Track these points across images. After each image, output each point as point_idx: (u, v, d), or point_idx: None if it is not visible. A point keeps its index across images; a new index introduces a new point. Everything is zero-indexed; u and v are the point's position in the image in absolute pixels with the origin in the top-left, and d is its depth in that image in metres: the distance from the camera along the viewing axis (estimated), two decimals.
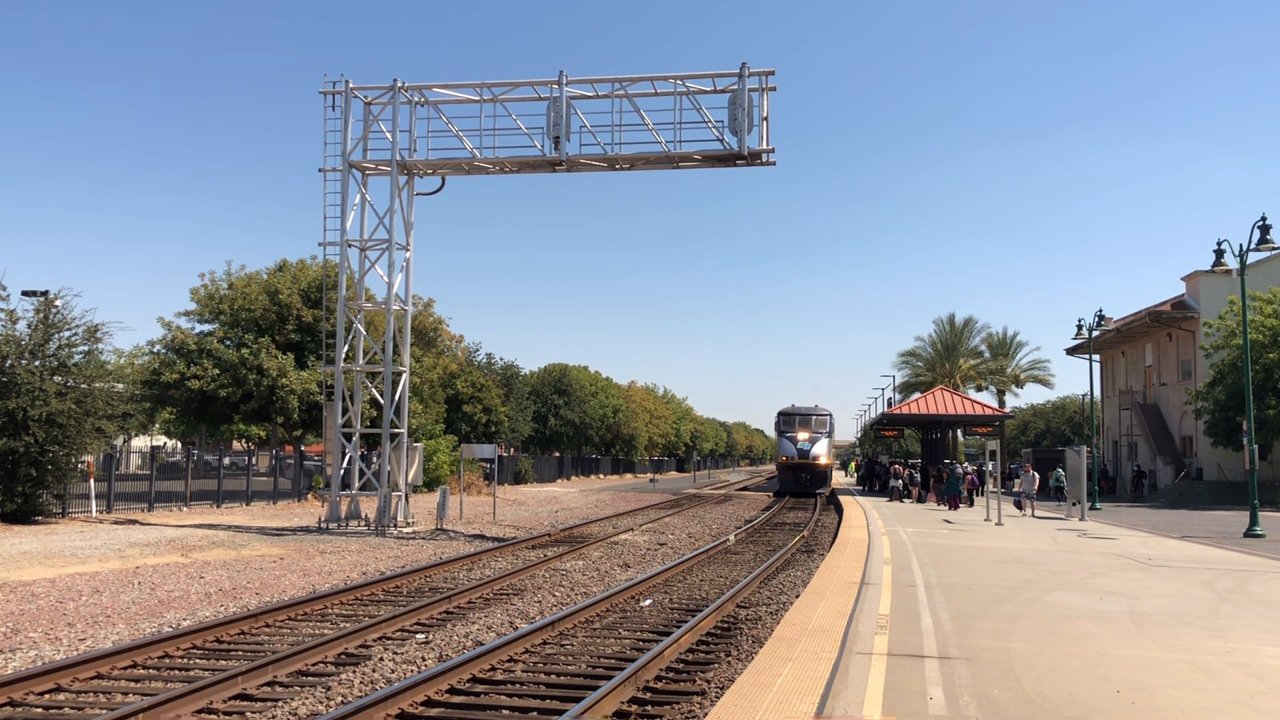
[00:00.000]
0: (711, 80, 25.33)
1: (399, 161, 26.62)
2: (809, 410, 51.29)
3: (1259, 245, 25.57)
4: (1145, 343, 54.62)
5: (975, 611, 11.59)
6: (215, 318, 41.38)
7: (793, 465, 49.55)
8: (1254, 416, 29.32)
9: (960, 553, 18.72)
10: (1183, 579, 15.21)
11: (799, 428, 49.91)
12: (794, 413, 51.29)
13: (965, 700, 7.39)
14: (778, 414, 52.26)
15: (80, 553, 19.73)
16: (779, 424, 51.88)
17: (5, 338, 27.12)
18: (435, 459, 43.60)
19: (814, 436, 49.38)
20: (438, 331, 51.83)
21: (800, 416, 50.75)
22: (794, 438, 49.58)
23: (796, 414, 50.99)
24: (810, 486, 48.97)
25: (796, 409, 51.50)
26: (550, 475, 73.17)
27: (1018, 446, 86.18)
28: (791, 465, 49.62)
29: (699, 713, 8.51)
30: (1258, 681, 8.22)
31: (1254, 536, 24.58)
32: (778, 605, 14.12)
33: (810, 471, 49.18)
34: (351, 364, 27.51)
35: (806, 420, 50.31)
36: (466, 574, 17.93)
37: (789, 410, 51.82)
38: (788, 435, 50.28)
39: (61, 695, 9.06)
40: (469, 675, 9.64)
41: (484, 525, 29.86)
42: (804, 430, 49.58)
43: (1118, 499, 47.87)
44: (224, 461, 39.64)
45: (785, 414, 51.68)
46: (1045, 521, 29.18)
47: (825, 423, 50.52)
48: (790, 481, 49.81)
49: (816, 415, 50.83)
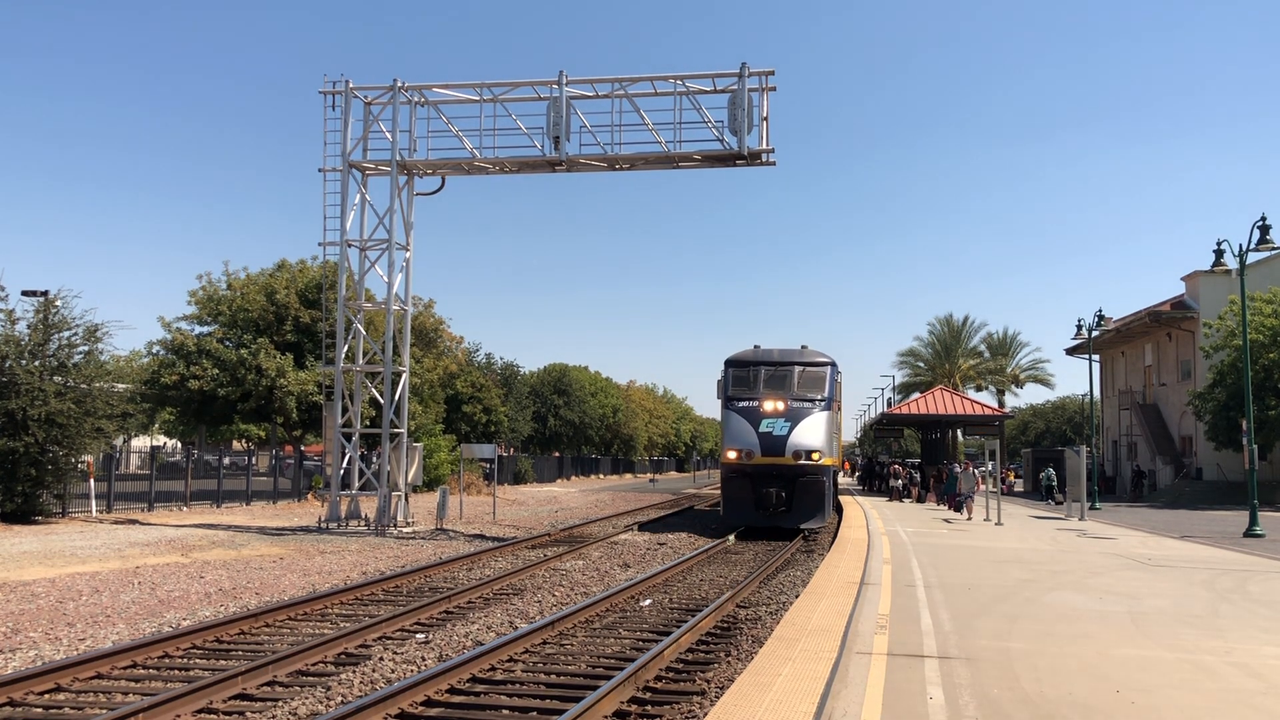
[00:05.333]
0: (711, 80, 25.34)
1: (399, 161, 26.62)
2: (789, 358, 27.48)
3: (1259, 245, 25.59)
4: (1145, 343, 54.64)
5: (975, 611, 11.59)
6: (214, 319, 41.41)
7: (754, 470, 25.61)
8: (1254, 416, 29.32)
9: (960, 552, 18.73)
10: (1182, 579, 15.21)
11: (768, 390, 26.57)
12: (758, 361, 27.42)
13: (965, 700, 7.40)
14: (726, 366, 27.87)
15: (80, 552, 19.73)
16: (728, 385, 27.40)
17: (5, 338, 27.12)
18: (435, 459, 43.59)
19: (799, 406, 26.17)
20: (438, 332, 51.82)
21: (771, 369, 27.08)
22: (757, 410, 26.09)
23: (763, 364, 27.23)
24: (792, 514, 25.42)
25: (764, 354, 27.85)
26: (550, 475, 73.16)
27: (1018, 446, 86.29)
28: (751, 470, 25.67)
29: (699, 713, 8.51)
30: (1257, 681, 8.23)
31: (1254, 536, 24.59)
32: (777, 605, 14.13)
33: (791, 481, 25.38)
34: (351, 364, 27.50)
35: (784, 375, 26.91)
36: (466, 574, 17.94)
37: (749, 357, 27.78)
38: (746, 405, 26.45)
39: (61, 695, 9.07)
40: (469, 675, 9.65)
41: (484, 525, 29.86)
42: (778, 395, 26.34)
43: (1117, 499, 47.89)
44: (224, 461, 39.66)
45: (741, 364, 27.56)
46: (1044, 521, 29.19)
47: (821, 379, 27.12)
48: (746, 504, 25.73)
49: (804, 366, 27.21)
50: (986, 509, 29.73)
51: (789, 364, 27.25)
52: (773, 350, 28.12)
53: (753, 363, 27.45)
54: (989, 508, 29.05)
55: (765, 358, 27.64)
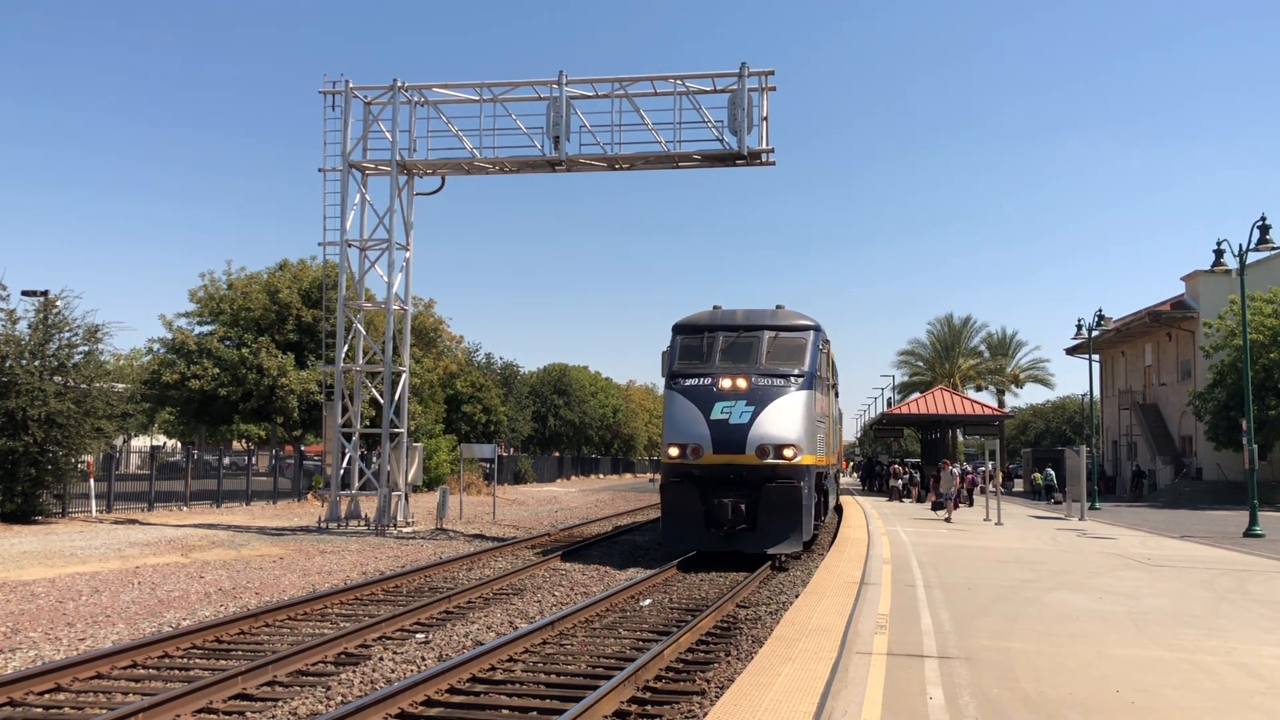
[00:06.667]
0: (711, 80, 25.33)
1: (399, 161, 26.62)
2: (756, 320, 20.45)
3: (1259, 245, 25.61)
4: (1145, 343, 54.66)
5: (975, 611, 11.59)
6: (215, 318, 41.42)
7: (703, 473, 18.75)
8: (1254, 416, 29.33)
9: (960, 552, 18.73)
10: (1182, 579, 15.21)
11: (727, 362, 19.68)
12: (715, 325, 20.44)
13: (965, 700, 7.40)
14: (674, 333, 20.80)
15: (80, 552, 19.73)
16: (674, 358, 20.33)
17: (5, 338, 27.12)
18: (435, 459, 43.60)
19: (767, 385, 19.15)
20: (438, 332, 51.83)
21: (732, 335, 20.13)
22: (710, 390, 19.20)
23: (722, 328, 20.30)
24: (757, 534, 18.50)
25: (724, 316, 20.80)
26: (550, 475, 73.17)
27: (1018, 446, 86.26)
28: (700, 473, 18.77)
29: (699, 712, 8.51)
30: (1257, 681, 8.23)
31: (1253, 536, 24.60)
32: (777, 605, 14.12)
33: (755, 488, 18.49)
34: (351, 364, 27.51)
35: (748, 344, 19.93)
36: (466, 573, 17.94)
37: (703, 321, 20.74)
38: (695, 383, 19.47)
39: (61, 695, 9.06)
40: (469, 675, 9.65)
41: (484, 525, 29.86)
42: (739, 369, 19.38)
43: (1117, 499, 47.91)
44: (224, 461, 39.68)
45: (693, 329, 20.58)
46: (1044, 521, 29.20)
47: (799, 348, 19.97)
48: (692, 521, 18.77)
49: (777, 331, 20.16)
50: (986, 509, 29.73)
51: (755, 328, 19.98)
52: (736, 311, 20.79)
53: (708, 327, 20.19)
54: (989, 508, 29.06)
55: (725, 320, 20.40)
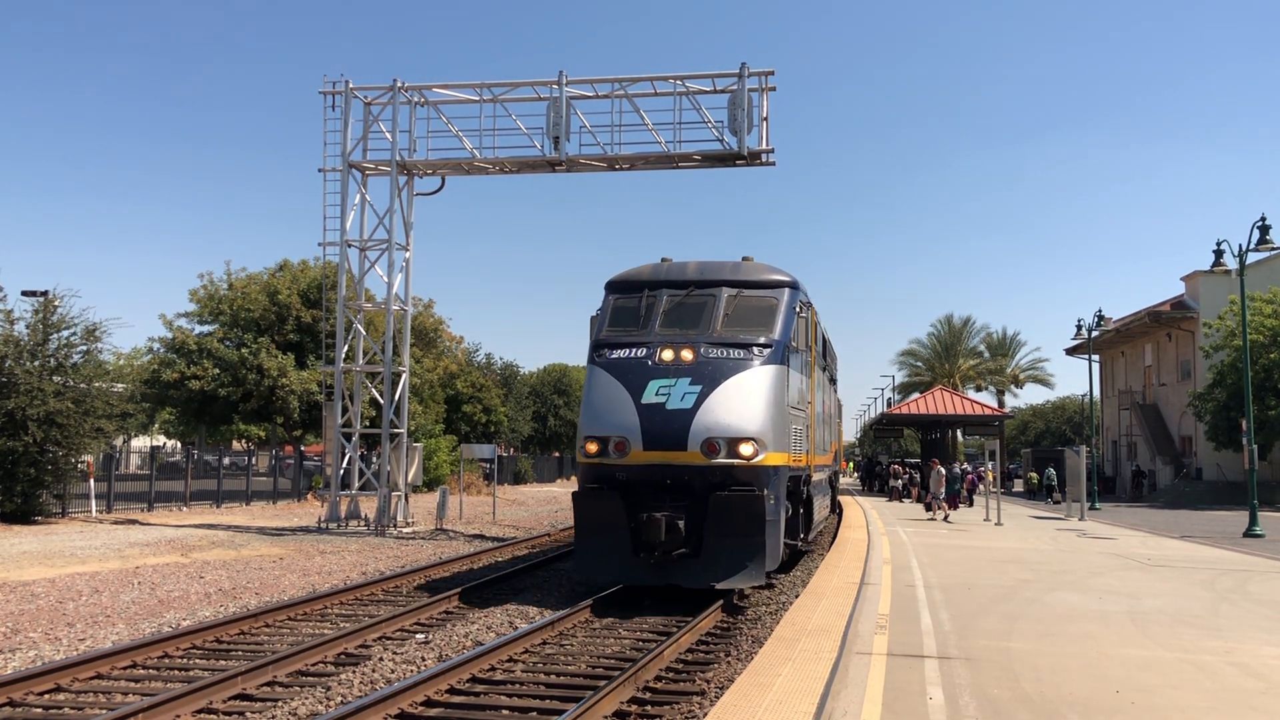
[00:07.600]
0: (711, 80, 25.32)
1: (399, 162, 26.61)
2: (711, 274, 14.95)
3: (1258, 245, 25.60)
4: (1145, 343, 54.67)
5: (975, 611, 11.59)
6: (215, 318, 41.42)
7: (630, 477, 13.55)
8: (1254, 416, 29.33)
9: (959, 552, 18.73)
10: (1182, 579, 15.22)
11: (669, 328, 14.27)
12: (657, 281, 15.02)
13: (965, 700, 7.40)
14: (606, 292, 15.48)
15: (80, 553, 19.73)
16: (603, 323, 15.00)
17: (4, 338, 27.12)
18: (435, 459, 43.58)
19: (721, 358, 13.74)
20: (438, 332, 51.83)
21: (677, 294, 14.72)
22: (644, 363, 13.82)
23: (665, 284, 14.87)
24: (701, 560, 13.12)
25: (670, 270, 15.30)
26: (550, 475, 73.15)
27: (1017, 446, 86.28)
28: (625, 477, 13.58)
29: (698, 713, 8.51)
30: (1258, 681, 8.23)
31: (1253, 536, 24.60)
32: (777, 605, 14.12)
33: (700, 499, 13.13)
34: (351, 364, 27.50)
35: (699, 305, 14.50)
36: (466, 573, 17.93)
37: (643, 276, 15.34)
38: (623, 356, 14.01)
39: (61, 695, 9.06)
40: (469, 675, 9.65)
41: (484, 525, 29.85)
42: (685, 337, 13.98)
43: (1117, 499, 47.91)
44: (224, 461, 39.67)
45: (629, 287, 15.23)
46: (1044, 521, 29.20)
47: (770, 310, 14.56)
48: (614, 540, 13.45)
49: (739, 288, 14.70)
50: (986, 509, 29.73)
51: (711, 283, 14.79)
52: (687, 264, 15.54)
53: (649, 283, 15.12)
54: (989, 508, 29.05)
55: (672, 275, 15.22)
